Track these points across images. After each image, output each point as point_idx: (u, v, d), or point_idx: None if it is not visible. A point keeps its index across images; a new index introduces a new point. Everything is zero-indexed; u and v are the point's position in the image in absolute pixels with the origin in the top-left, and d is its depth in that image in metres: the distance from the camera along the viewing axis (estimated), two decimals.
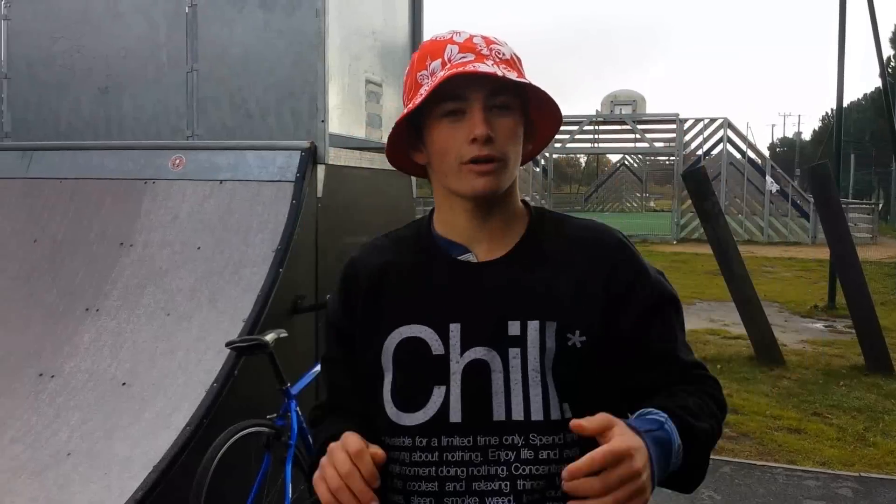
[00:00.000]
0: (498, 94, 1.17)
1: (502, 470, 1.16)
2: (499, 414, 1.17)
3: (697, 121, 26.17)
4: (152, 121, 5.47)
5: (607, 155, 42.77)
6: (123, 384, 3.60)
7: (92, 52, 5.46)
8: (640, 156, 39.32)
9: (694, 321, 10.22)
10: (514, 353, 1.17)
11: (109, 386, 3.60)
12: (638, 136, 27.91)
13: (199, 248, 4.02)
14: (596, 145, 29.89)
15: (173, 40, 5.34)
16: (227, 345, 3.31)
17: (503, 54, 1.20)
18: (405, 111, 1.20)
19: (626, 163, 43.65)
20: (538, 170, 27.82)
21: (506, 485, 1.15)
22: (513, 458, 1.16)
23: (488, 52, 1.18)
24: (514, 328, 1.18)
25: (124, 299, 3.92)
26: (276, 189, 4.08)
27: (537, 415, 1.16)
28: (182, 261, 3.99)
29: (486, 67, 1.15)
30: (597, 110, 30.06)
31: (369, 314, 1.25)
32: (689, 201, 14.77)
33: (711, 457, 1.22)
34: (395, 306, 1.24)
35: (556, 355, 1.17)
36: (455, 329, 1.19)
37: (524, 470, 1.16)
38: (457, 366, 1.19)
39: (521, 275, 1.22)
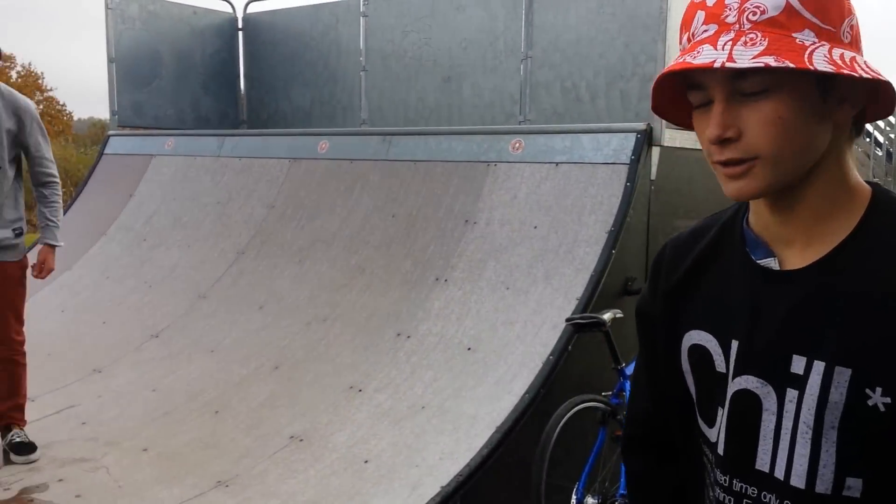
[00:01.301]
0: (745, 76, 0.88)
1: None
2: (762, 463, 0.96)
3: None
4: (488, 107, 5.85)
5: None
6: (469, 349, 3.93)
7: (437, 45, 5.96)
8: None
9: None
10: (791, 395, 0.93)
11: (457, 349, 3.96)
12: None
13: (535, 227, 4.24)
14: None
15: (510, 29, 5.63)
16: (567, 321, 3.47)
17: (763, 11, 0.87)
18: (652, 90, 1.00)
19: None
20: (880, 152, 24.17)
21: None
22: None
23: (736, 18, 0.88)
24: (798, 364, 0.93)
25: (469, 272, 4.27)
26: (610, 171, 4.15)
27: (798, 480, 0.92)
28: (520, 238, 4.24)
29: (708, 54, 0.87)
30: None
31: (670, 306, 1.10)
32: None
33: None
34: (691, 304, 1.07)
35: (845, 413, 0.89)
36: (734, 347, 0.99)
37: None
38: (728, 389, 0.99)
39: (826, 295, 0.93)
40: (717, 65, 0.85)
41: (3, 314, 3.77)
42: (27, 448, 3.82)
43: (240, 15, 7.53)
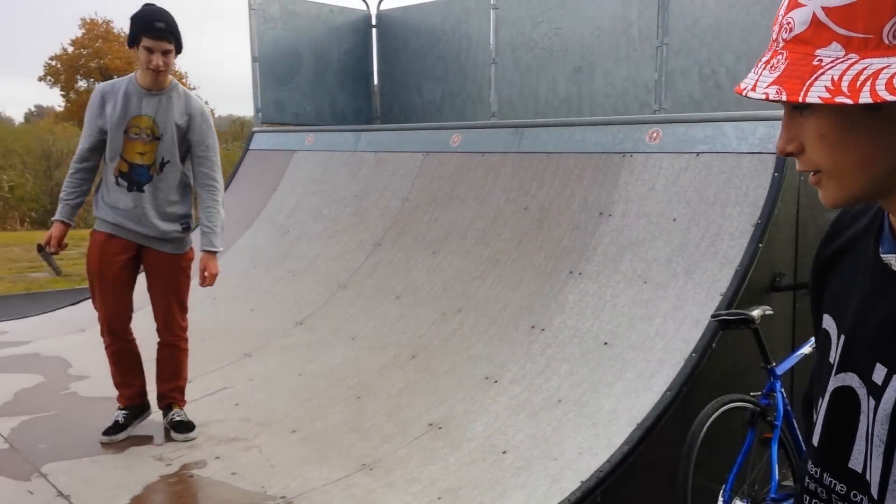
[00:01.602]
0: None
1: None
2: (856, 462, 0.93)
3: None
4: (621, 96, 5.75)
5: None
6: (605, 343, 3.91)
7: (568, 34, 5.91)
8: None
9: None
10: (871, 404, 0.90)
11: (593, 343, 3.94)
12: None
13: (674, 219, 4.14)
14: None
15: (644, 16, 5.51)
16: (713, 316, 3.38)
17: (791, 28, 0.83)
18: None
19: None
20: None
21: None
22: None
23: (776, 35, 0.86)
24: (878, 374, 0.88)
25: (604, 265, 4.23)
26: (756, 161, 4.00)
27: (875, 489, 0.89)
28: (658, 231, 4.15)
29: (750, 77, 0.85)
30: None
31: (820, 279, 1.06)
32: None
33: None
34: (830, 285, 1.03)
35: None
36: (841, 341, 0.95)
37: None
38: (830, 384, 0.96)
39: None
40: (744, 92, 0.84)
41: (169, 303, 4.07)
42: (186, 427, 4.12)
43: (373, 12, 7.75)
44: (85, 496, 3.45)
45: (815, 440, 0.98)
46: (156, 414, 4.31)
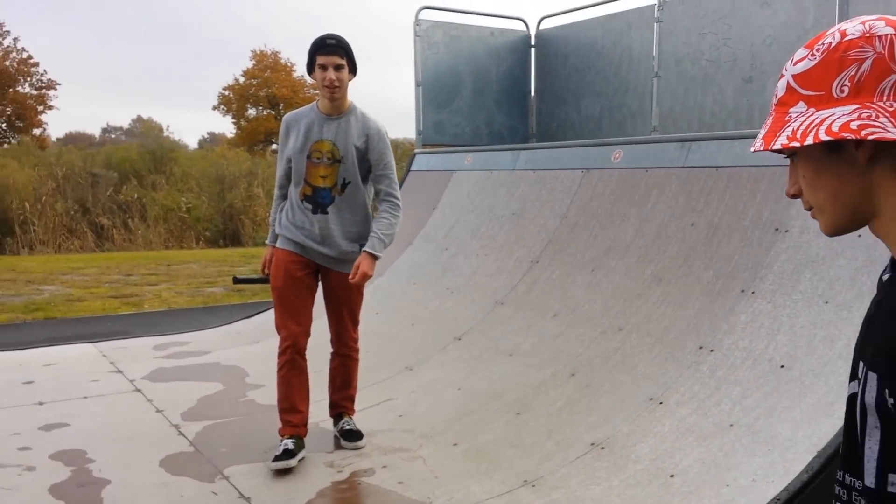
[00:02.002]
0: None
1: None
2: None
3: None
4: None
5: None
6: (782, 366, 3.69)
7: (737, 44, 5.68)
8: None
9: None
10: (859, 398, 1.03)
11: (768, 366, 3.74)
12: None
13: (859, 235, 3.86)
14: None
15: (822, 23, 5.21)
16: None
17: (776, 94, 1.08)
18: None
19: None
20: None
21: None
22: None
23: (775, 98, 1.09)
24: (861, 370, 1.02)
25: (780, 283, 4.01)
26: None
27: (869, 479, 1.02)
28: (840, 248, 3.89)
29: (759, 133, 1.08)
30: None
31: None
32: None
33: None
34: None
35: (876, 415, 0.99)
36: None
37: None
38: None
39: (882, 304, 1.03)
40: (750, 148, 1.09)
41: (343, 317, 4.23)
42: (356, 436, 4.27)
43: (532, 32, 7.80)
44: (264, 498, 3.66)
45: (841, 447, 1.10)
46: (325, 422, 4.51)
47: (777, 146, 1.02)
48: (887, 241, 1.05)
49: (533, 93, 7.87)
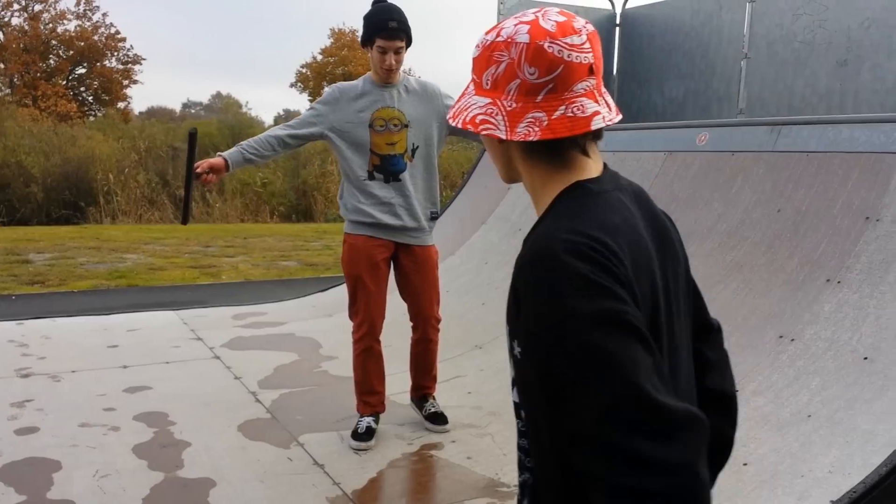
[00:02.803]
0: None
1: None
2: None
3: None
4: (891, 91, 5.23)
5: None
6: (865, 358, 3.57)
7: (833, 26, 5.46)
8: None
9: None
10: None
11: (850, 358, 3.62)
12: None
13: None
14: None
15: None
16: None
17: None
18: None
19: None
20: None
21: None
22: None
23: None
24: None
25: (868, 273, 3.86)
26: None
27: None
28: None
29: None
30: None
31: None
32: None
33: None
34: None
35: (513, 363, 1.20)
36: None
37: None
38: None
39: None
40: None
41: (427, 293, 4.15)
42: (442, 419, 4.24)
43: (618, 11, 7.65)
44: (337, 466, 3.75)
45: None
46: (395, 395, 4.57)
47: (456, 123, 1.22)
48: (532, 201, 1.25)
49: (615, 73, 7.73)
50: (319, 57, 36.58)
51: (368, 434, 4.03)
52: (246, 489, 3.49)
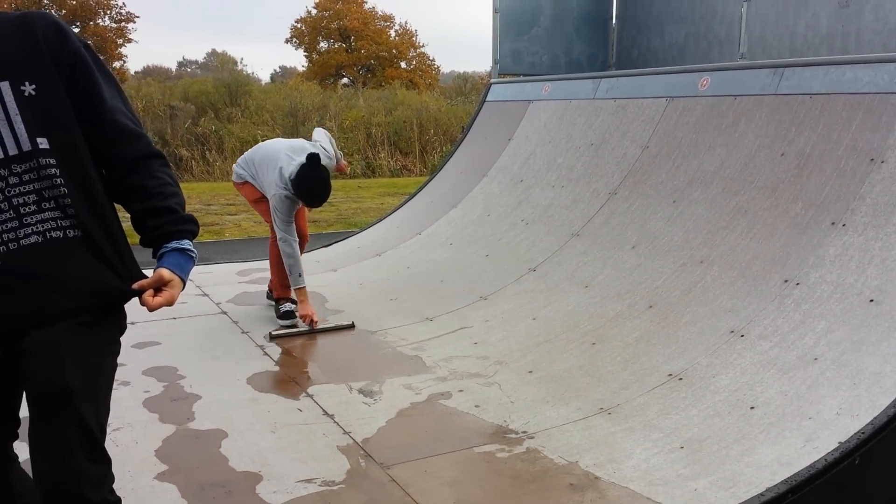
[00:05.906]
0: None
1: None
2: None
3: None
4: (894, 32, 5.14)
5: None
6: (871, 301, 3.58)
7: None
8: None
9: None
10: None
11: (856, 300, 3.63)
12: None
13: None
14: None
15: None
16: None
17: None
18: None
19: None
20: None
21: None
22: None
23: None
24: None
25: (873, 216, 3.85)
26: None
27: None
28: None
29: None
30: None
31: None
32: None
33: None
34: None
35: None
36: None
37: None
38: None
39: None
40: None
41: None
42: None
43: None
44: (346, 416, 3.79)
45: None
46: (402, 346, 4.59)
47: None
48: None
49: (614, 19, 7.61)
50: (314, 11, 36.01)
51: (292, 314, 5.28)
52: (258, 439, 3.53)
